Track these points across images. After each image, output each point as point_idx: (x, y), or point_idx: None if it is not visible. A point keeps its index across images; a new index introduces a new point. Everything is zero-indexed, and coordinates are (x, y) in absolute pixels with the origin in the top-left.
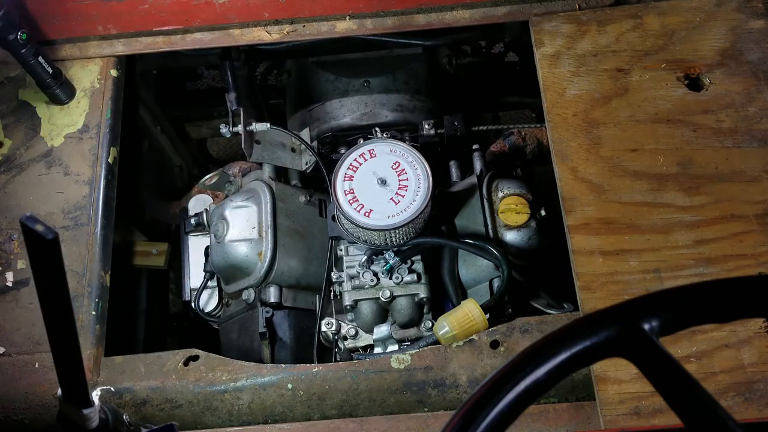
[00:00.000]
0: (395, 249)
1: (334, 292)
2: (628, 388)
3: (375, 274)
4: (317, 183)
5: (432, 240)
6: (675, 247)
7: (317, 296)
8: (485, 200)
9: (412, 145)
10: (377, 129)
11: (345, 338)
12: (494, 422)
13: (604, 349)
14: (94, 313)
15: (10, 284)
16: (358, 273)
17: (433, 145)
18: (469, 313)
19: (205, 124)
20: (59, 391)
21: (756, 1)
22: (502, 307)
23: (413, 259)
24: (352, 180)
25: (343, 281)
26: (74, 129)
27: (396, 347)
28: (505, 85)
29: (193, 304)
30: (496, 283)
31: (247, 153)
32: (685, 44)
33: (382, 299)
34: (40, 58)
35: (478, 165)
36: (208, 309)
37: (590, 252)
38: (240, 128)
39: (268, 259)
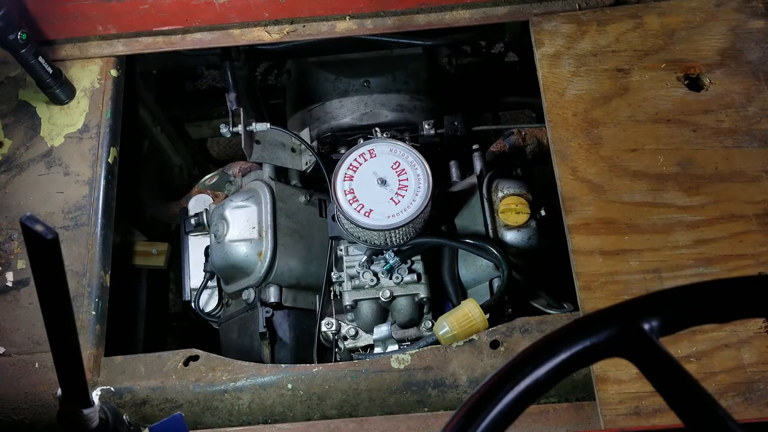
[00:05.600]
0: (395, 249)
1: (334, 292)
2: (628, 388)
3: (375, 274)
4: (317, 183)
5: (432, 240)
6: (675, 247)
7: (317, 296)
8: (485, 200)
9: (412, 145)
10: (377, 129)
11: (345, 338)
12: (494, 422)
13: (604, 349)
14: (94, 313)
15: (10, 284)
16: (358, 273)
17: (433, 145)
18: (469, 313)
19: (205, 124)
20: (59, 391)
21: (756, 1)
22: (502, 307)
23: (413, 259)
24: (352, 180)
25: (343, 281)
26: (74, 129)
27: (396, 347)
28: (505, 85)
29: (193, 304)
30: (496, 283)
31: (247, 153)
32: (685, 44)
33: (382, 299)
34: (40, 58)
35: (478, 165)
36: (208, 309)
37: (590, 252)
38: (240, 128)
39: (268, 259)
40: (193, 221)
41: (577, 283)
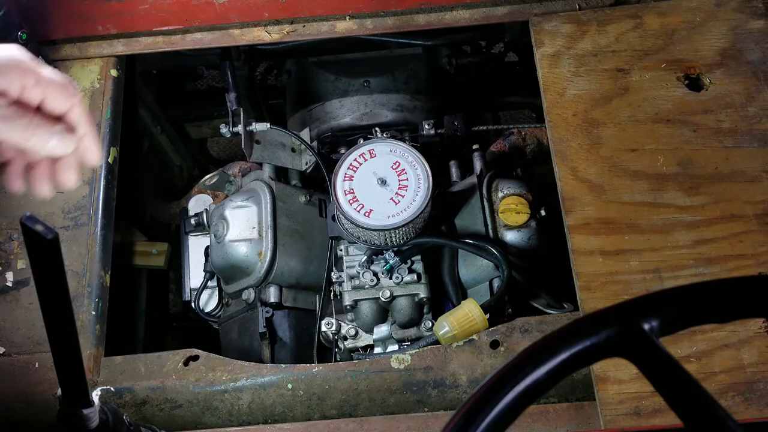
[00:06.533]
0: (395, 249)
1: (334, 292)
2: (628, 388)
3: (375, 274)
4: (317, 183)
5: (432, 240)
6: (675, 247)
7: (317, 296)
8: (485, 200)
9: (412, 145)
10: (377, 129)
11: (345, 338)
12: (494, 422)
13: (604, 349)
14: (94, 313)
15: (10, 284)
16: (358, 273)
17: (433, 145)
18: (469, 313)
19: (205, 124)
20: (59, 391)
21: (756, 1)
22: (502, 307)
23: (413, 259)
24: (352, 180)
25: (343, 281)
26: None
27: (396, 347)
28: (505, 85)
29: (193, 304)
30: (496, 283)
31: (247, 153)
32: (685, 44)
33: (382, 299)
34: (40, 58)
35: (478, 165)
36: (208, 309)
37: (590, 252)
38: (240, 128)
39: (268, 259)
40: (193, 221)
41: (577, 283)
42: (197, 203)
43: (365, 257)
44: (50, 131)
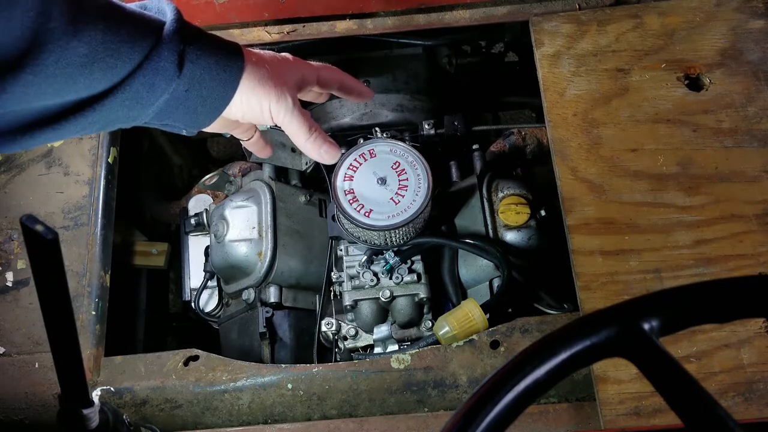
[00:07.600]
0: (395, 249)
1: (334, 292)
2: (628, 388)
3: (375, 274)
4: (317, 183)
5: (432, 240)
6: (675, 247)
7: (317, 296)
8: (485, 200)
9: (412, 145)
10: (377, 129)
11: (345, 338)
12: (494, 422)
13: (604, 349)
14: (94, 313)
15: (10, 284)
16: (358, 273)
17: (433, 145)
18: (469, 313)
19: None
20: (59, 391)
21: (756, 1)
22: (502, 307)
23: (413, 259)
24: (352, 180)
25: (343, 281)
26: None
27: (396, 347)
28: (505, 85)
29: (193, 304)
30: (496, 283)
31: (247, 153)
32: (685, 44)
33: (382, 299)
34: None
35: (478, 165)
36: (208, 309)
37: (590, 252)
38: None
39: (268, 259)
40: (193, 221)
41: (577, 283)
42: (197, 203)
43: (365, 257)
44: (324, 140)
